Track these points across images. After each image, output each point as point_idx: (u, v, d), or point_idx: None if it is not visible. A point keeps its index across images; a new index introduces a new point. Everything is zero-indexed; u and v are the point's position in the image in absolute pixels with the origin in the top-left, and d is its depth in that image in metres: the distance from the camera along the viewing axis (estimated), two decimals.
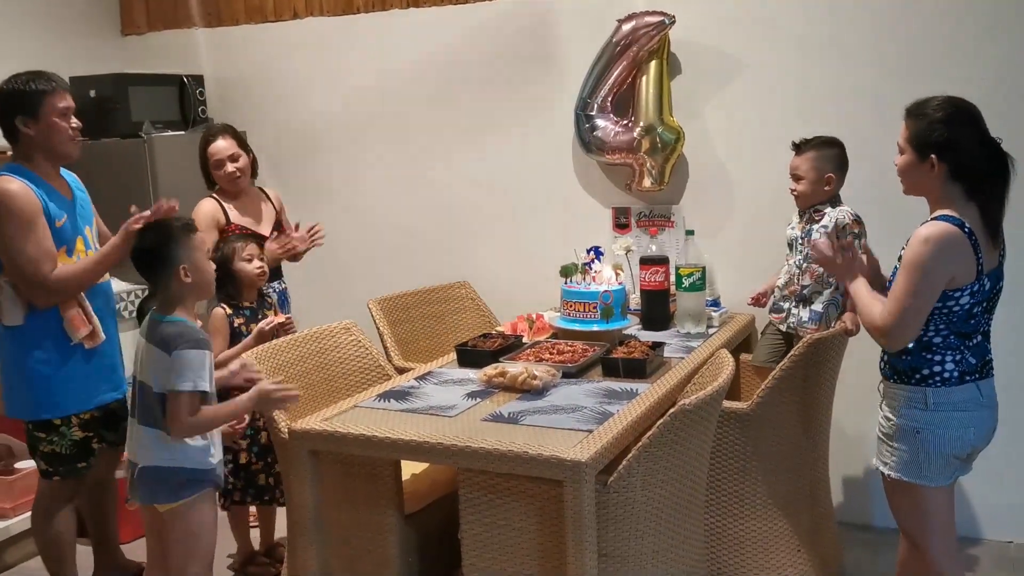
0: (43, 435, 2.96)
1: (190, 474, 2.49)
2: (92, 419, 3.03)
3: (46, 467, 3.00)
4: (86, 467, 3.04)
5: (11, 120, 2.84)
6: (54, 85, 2.88)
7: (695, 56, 3.76)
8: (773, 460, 2.96)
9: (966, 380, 2.32)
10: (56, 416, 2.95)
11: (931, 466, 2.34)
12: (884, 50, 3.49)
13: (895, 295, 2.26)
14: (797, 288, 3.25)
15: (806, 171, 3.17)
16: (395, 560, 2.63)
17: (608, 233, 3.96)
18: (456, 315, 4.08)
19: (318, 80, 4.49)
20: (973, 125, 2.27)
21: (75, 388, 2.96)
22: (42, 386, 2.91)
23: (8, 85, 2.86)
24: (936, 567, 2.44)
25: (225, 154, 3.48)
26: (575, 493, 2.21)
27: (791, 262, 3.30)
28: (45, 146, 2.87)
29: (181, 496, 2.49)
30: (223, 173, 3.48)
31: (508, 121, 4.13)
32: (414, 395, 2.80)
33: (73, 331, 2.91)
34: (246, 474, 3.30)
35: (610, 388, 2.77)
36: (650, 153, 3.71)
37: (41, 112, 2.83)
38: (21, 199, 2.78)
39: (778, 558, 2.98)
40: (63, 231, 2.90)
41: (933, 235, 2.21)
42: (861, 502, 3.68)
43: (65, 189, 2.99)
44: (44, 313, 2.88)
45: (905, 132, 2.34)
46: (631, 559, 2.35)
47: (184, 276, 2.48)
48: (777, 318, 3.35)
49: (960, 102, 2.29)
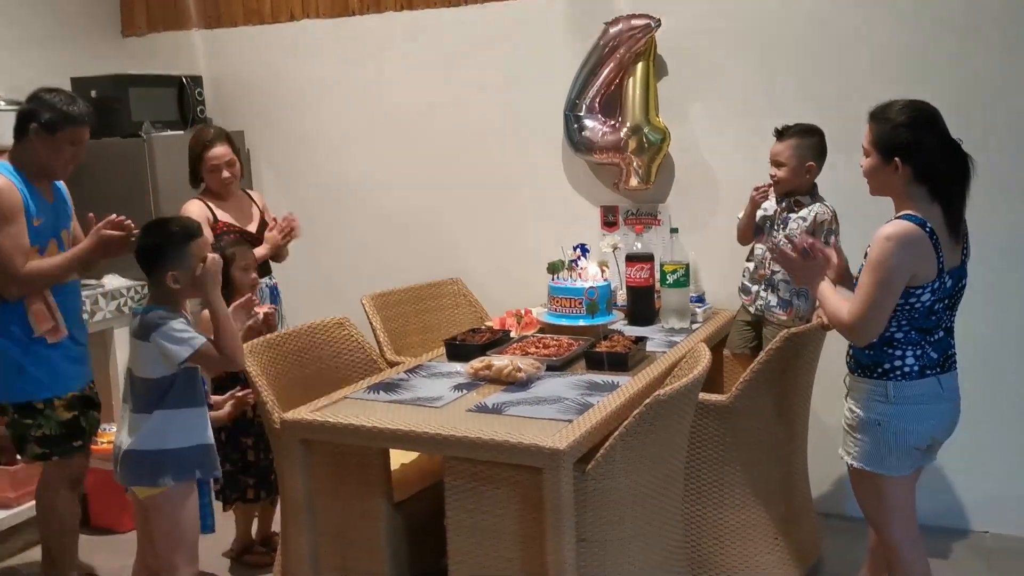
0: (30, 420, 3.05)
1: (175, 456, 2.56)
2: (74, 399, 3.12)
3: (40, 450, 3.08)
4: (81, 445, 3.14)
5: (27, 124, 2.96)
6: (85, 120, 3.01)
7: (680, 58, 3.85)
8: (751, 451, 3.05)
9: (927, 374, 2.41)
10: (34, 399, 3.04)
11: (892, 456, 2.44)
12: (859, 53, 3.58)
13: (860, 292, 2.35)
14: (767, 272, 3.34)
15: (788, 158, 3.26)
16: (384, 546, 2.73)
17: (596, 231, 4.06)
18: (448, 311, 4.17)
19: (314, 81, 4.58)
20: (935, 127, 2.36)
21: (46, 372, 3.05)
22: (14, 369, 3.01)
23: (46, 97, 2.98)
24: (897, 552, 2.54)
25: (223, 160, 3.57)
26: (554, 480, 2.31)
27: (763, 246, 3.38)
28: (41, 159, 2.99)
29: (159, 481, 2.56)
30: (219, 178, 3.57)
31: (499, 121, 4.23)
32: (403, 387, 2.90)
33: (36, 324, 3.01)
34: (257, 471, 3.40)
35: (592, 381, 2.87)
36: (637, 153, 3.81)
37: (58, 134, 2.96)
38: (4, 194, 2.90)
39: (756, 546, 3.08)
40: (39, 231, 3.01)
41: (895, 233, 2.30)
42: (838, 492, 3.78)
43: (48, 192, 3.10)
44: (12, 303, 2.98)
45: (869, 135, 2.43)
46: (610, 544, 2.45)
47: (172, 283, 2.55)
48: (747, 300, 3.45)
49: (922, 105, 2.39)
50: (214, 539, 3.59)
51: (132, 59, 4.85)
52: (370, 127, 4.50)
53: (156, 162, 4.20)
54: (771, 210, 3.40)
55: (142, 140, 4.20)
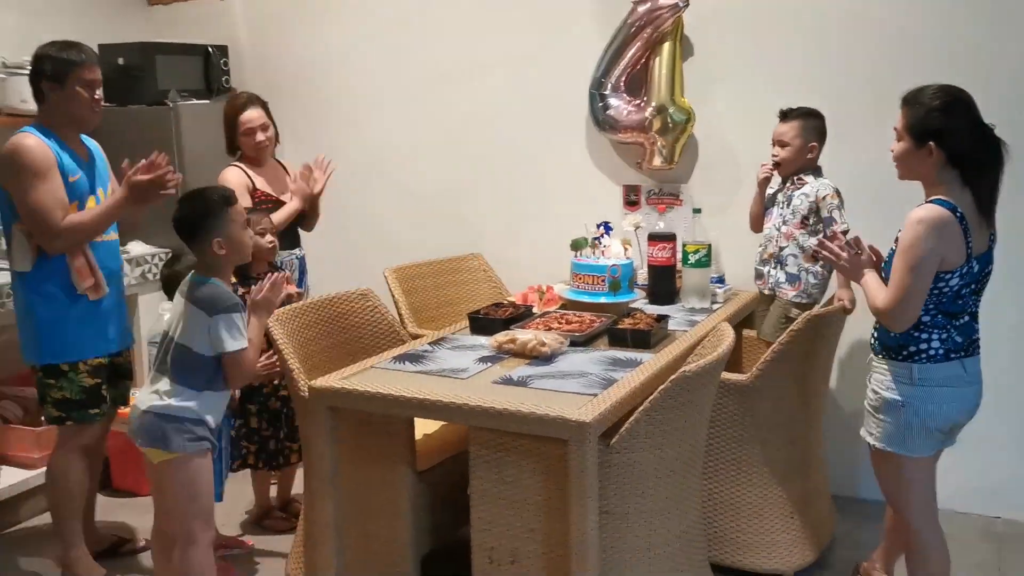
0: (52, 381, 3.09)
1: (193, 425, 2.59)
2: (100, 366, 3.15)
3: (57, 413, 3.11)
4: (99, 414, 3.16)
5: (39, 83, 3.02)
6: (84, 57, 3.04)
7: (707, 39, 3.86)
8: (770, 431, 3.08)
9: (951, 357, 2.44)
10: (63, 361, 3.07)
11: (914, 438, 2.47)
12: (891, 37, 3.59)
13: (894, 278, 2.38)
14: (776, 250, 3.37)
15: (792, 138, 3.31)
16: (407, 513, 2.78)
17: (618, 210, 4.08)
18: (468, 286, 4.20)
19: (338, 53, 4.59)
20: (968, 112, 2.38)
21: (79, 335, 3.08)
22: (48, 331, 3.05)
23: (42, 51, 3.04)
24: (917, 533, 2.58)
25: (257, 123, 3.60)
26: (579, 452, 2.34)
27: (771, 223, 3.41)
28: (66, 112, 3.03)
29: (176, 446, 2.58)
30: (254, 142, 3.59)
31: (523, 97, 4.24)
32: (428, 358, 2.94)
33: (79, 281, 3.04)
34: (258, 439, 3.45)
35: (615, 357, 2.90)
36: (661, 132, 3.82)
37: (67, 81, 2.99)
38: (36, 152, 2.95)
39: (771, 524, 3.12)
40: (76, 186, 3.05)
41: (926, 217, 2.33)
42: (852, 474, 3.82)
43: (83, 152, 3.14)
44: (51, 261, 3.01)
45: (903, 120, 2.44)
46: (631, 517, 2.49)
47: (218, 248, 2.61)
48: (760, 283, 3.48)
49: (955, 90, 2.40)
50: (233, 505, 3.67)
51: (157, 27, 4.86)
52: (394, 100, 4.52)
53: (183, 130, 4.23)
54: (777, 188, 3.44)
55: (168, 108, 4.23)
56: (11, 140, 2.99)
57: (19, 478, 3.73)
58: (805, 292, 3.30)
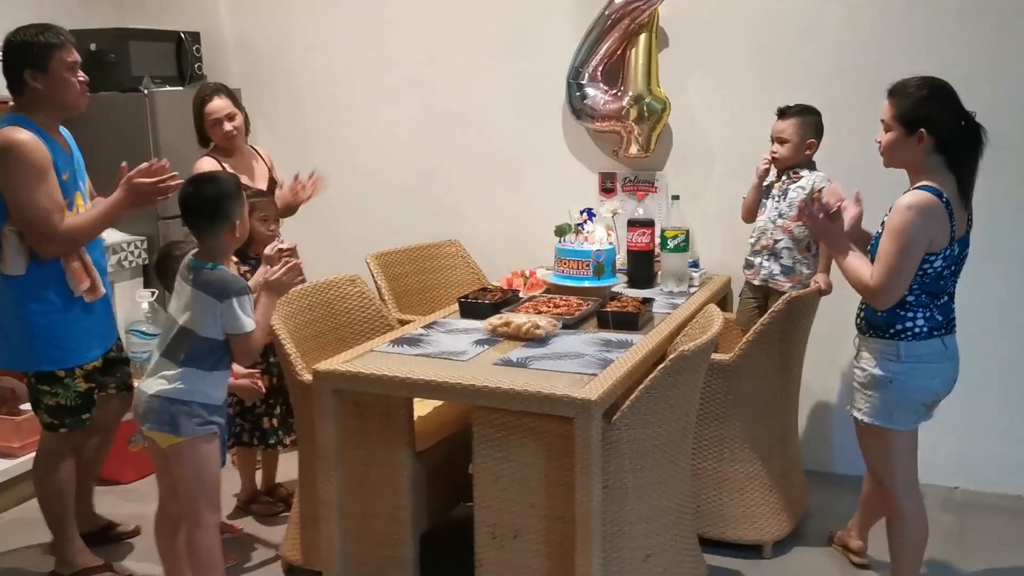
0: (47, 388, 2.99)
1: (201, 409, 2.62)
2: (95, 369, 3.09)
3: (51, 420, 3.03)
4: (90, 418, 3.09)
5: (19, 72, 2.84)
6: (62, 39, 2.89)
7: (681, 30, 3.98)
8: (751, 408, 3.22)
9: (933, 335, 2.59)
10: (60, 368, 2.97)
11: (900, 412, 2.63)
12: (861, 27, 3.74)
13: (883, 258, 2.51)
14: (770, 243, 3.50)
15: (790, 135, 3.41)
16: (407, 493, 2.84)
17: (595, 197, 4.18)
18: (446, 271, 4.27)
19: (312, 39, 4.61)
20: (952, 100, 2.53)
21: (76, 339, 2.99)
22: (44, 337, 2.93)
23: (17, 37, 2.86)
24: (899, 501, 2.73)
25: (223, 113, 3.58)
26: (584, 429, 2.43)
27: (765, 216, 3.53)
28: (54, 99, 2.87)
29: (185, 430, 2.60)
30: (221, 132, 3.58)
31: (500, 86, 4.31)
32: (424, 342, 3.00)
33: (75, 284, 2.94)
34: (252, 416, 3.48)
35: (606, 338, 3.00)
36: (638, 121, 3.93)
37: (51, 66, 2.84)
38: (32, 149, 2.79)
39: (752, 497, 3.26)
40: (66, 184, 2.90)
41: (915, 203, 2.47)
42: (823, 450, 3.99)
43: (64, 144, 3.00)
44: (45, 264, 2.89)
45: (890, 110, 2.58)
46: (631, 491, 2.59)
47: (236, 232, 2.65)
48: (750, 274, 3.60)
49: (937, 81, 2.55)
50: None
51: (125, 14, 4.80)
52: (369, 87, 4.55)
53: (157, 117, 4.20)
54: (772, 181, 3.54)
55: (143, 95, 4.20)
56: (2, 134, 2.80)
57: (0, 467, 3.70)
58: (800, 283, 3.43)
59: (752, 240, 3.57)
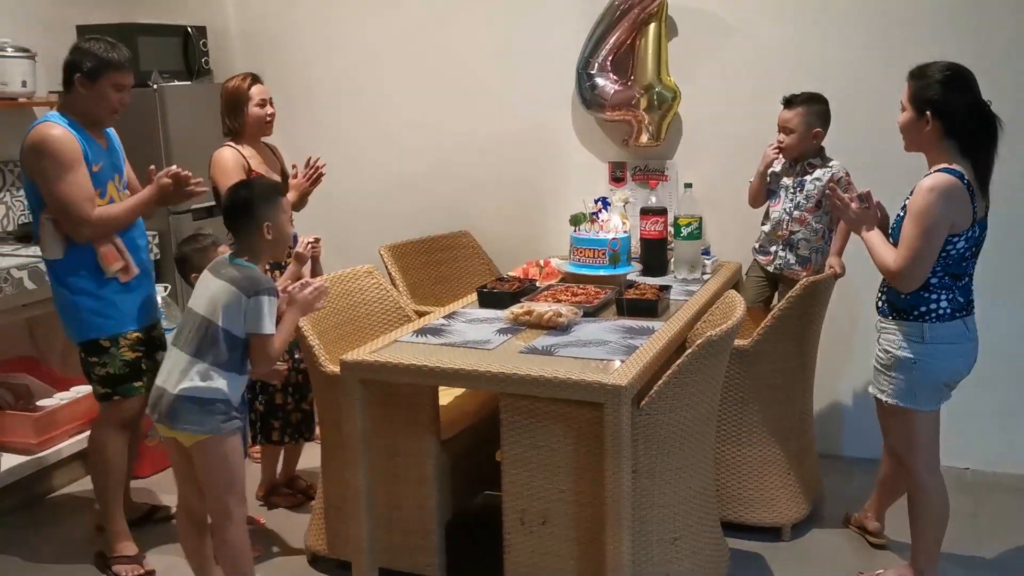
0: (95, 359, 3.15)
1: (224, 406, 2.64)
2: (139, 340, 3.21)
3: (103, 389, 3.19)
4: (142, 386, 3.19)
5: (72, 74, 3.05)
6: (122, 62, 3.07)
7: (690, 20, 4.00)
8: (769, 392, 3.26)
9: (956, 316, 2.64)
10: (102, 335, 3.12)
11: (923, 393, 2.67)
12: (870, 15, 3.77)
13: (906, 241, 2.55)
14: (786, 233, 3.54)
15: (796, 124, 3.44)
16: (432, 480, 2.88)
17: (604, 186, 4.20)
18: (458, 262, 4.30)
19: (319, 33, 4.61)
20: (967, 87, 2.56)
21: (115, 311, 3.15)
22: (85, 308, 3.11)
23: (86, 43, 3.07)
24: (921, 480, 2.78)
25: (267, 96, 3.60)
26: (615, 414, 2.47)
27: (780, 207, 3.57)
28: (87, 108, 3.07)
29: (208, 427, 2.62)
30: (264, 113, 3.56)
31: (509, 76, 4.33)
32: (447, 331, 3.03)
33: (106, 266, 3.10)
34: (283, 413, 3.51)
35: (628, 325, 3.03)
36: (648, 110, 3.96)
37: (99, 80, 3.03)
38: (64, 143, 2.99)
39: (771, 481, 3.30)
40: (99, 175, 3.09)
41: (937, 185, 2.51)
42: (833, 433, 4.04)
43: (102, 138, 3.18)
44: (80, 247, 3.07)
45: (907, 92, 2.63)
46: (658, 475, 2.63)
47: (267, 233, 2.67)
48: (765, 260, 3.64)
49: (958, 67, 2.59)
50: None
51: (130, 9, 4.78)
52: (377, 79, 4.56)
53: (167, 112, 4.21)
54: (780, 169, 3.58)
55: (152, 90, 4.20)
56: (37, 129, 3.02)
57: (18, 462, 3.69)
58: (816, 271, 3.47)
59: (766, 229, 3.61)
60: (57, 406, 3.83)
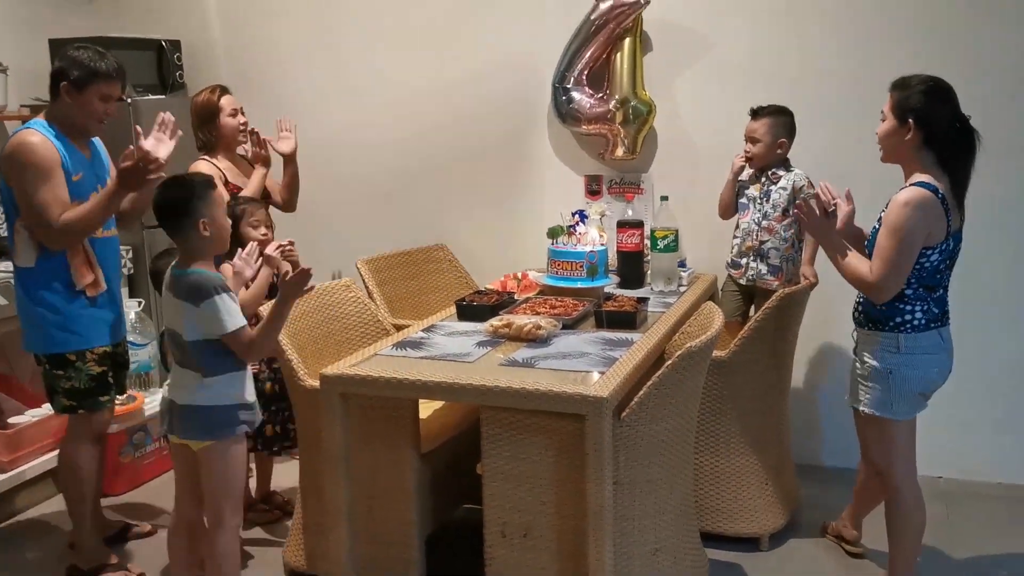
0: (60, 372, 3.12)
1: (225, 412, 2.66)
2: (105, 355, 3.18)
3: (68, 402, 3.15)
4: (108, 400, 3.20)
5: (59, 82, 3.01)
6: (110, 72, 3.04)
7: (665, 35, 4.05)
8: (746, 403, 3.28)
9: (931, 327, 2.68)
10: (69, 350, 3.09)
11: (901, 403, 2.70)
12: (840, 34, 3.84)
13: (881, 253, 2.59)
14: (756, 243, 3.58)
15: (763, 135, 3.52)
16: (413, 493, 2.86)
17: (580, 199, 4.23)
18: (435, 276, 4.29)
19: (297, 48, 4.61)
20: (948, 100, 2.61)
21: (83, 326, 3.12)
22: (53, 322, 3.08)
23: (76, 52, 3.03)
24: (898, 490, 2.81)
25: (238, 105, 3.63)
26: (596, 426, 2.47)
27: (748, 218, 3.62)
28: (72, 117, 3.05)
29: (215, 434, 2.65)
30: (237, 123, 3.59)
31: (484, 91, 4.34)
32: (427, 344, 3.02)
33: (78, 278, 3.07)
34: None
35: (607, 337, 3.04)
36: (624, 124, 3.99)
37: (87, 90, 3.01)
38: (40, 150, 2.96)
39: (749, 491, 3.32)
40: (79, 185, 3.06)
41: (912, 199, 2.55)
42: (811, 443, 4.07)
43: (86, 148, 3.16)
44: (53, 257, 3.04)
45: (889, 102, 2.68)
46: (638, 486, 2.64)
47: (203, 230, 2.64)
48: (737, 273, 3.69)
49: (939, 80, 2.64)
50: None
51: (102, 22, 4.77)
52: (350, 93, 4.56)
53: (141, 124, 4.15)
54: (748, 181, 3.63)
55: (126, 103, 4.17)
56: (16, 136, 3.01)
57: None
58: (788, 280, 3.52)
59: (737, 241, 3.65)
60: (28, 423, 3.77)
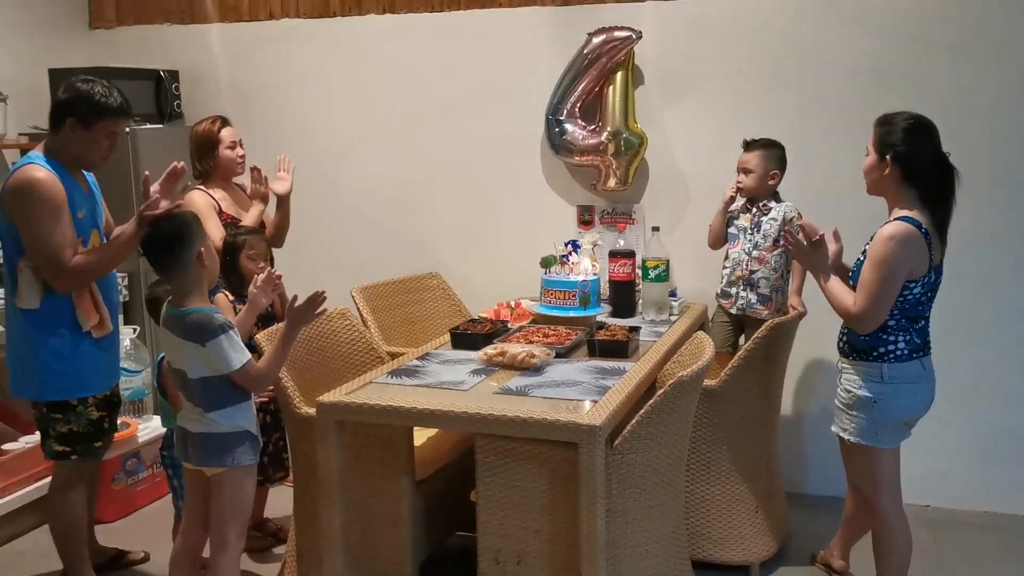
0: (59, 416, 3.05)
1: (239, 439, 2.71)
2: (105, 398, 3.16)
3: (61, 448, 3.07)
4: (102, 447, 3.15)
5: (64, 115, 2.93)
6: (119, 109, 2.96)
7: (657, 69, 4.13)
8: (736, 431, 3.32)
9: (913, 357, 2.74)
10: (74, 397, 3.04)
11: (884, 431, 2.76)
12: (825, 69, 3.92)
13: (865, 286, 2.65)
14: (746, 273, 3.65)
15: (755, 166, 3.60)
16: (408, 522, 2.89)
17: (573, 229, 4.29)
18: (429, 304, 4.33)
19: (291, 80, 4.67)
20: (929, 138, 2.69)
21: (86, 371, 3.06)
22: (56, 368, 3.00)
23: (84, 86, 2.94)
24: (885, 516, 2.85)
25: (237, 138, 3.67)
26: (590, 454, 2.51)
27: (739, 248, 3.69)
28: (78, 152, 2.97)
29: (226, 461, 2.70)
30: (235, 155, 3.64)
31: (479, 123, 4.41)
32: (422, 373, 3.06)
33: (84, 319, 3.01)
34: None
35: (599, 366, 3.09)
36: (616, 156, 4.06)
37: (94, 126, 2.94)
38: (50, 187, 2.87)
39: (739, 519, 3.35)
40: (82, 222, 3.00)
41: (897, 234, 2.61)
42: (797, 471, 4.11)
43: (84, 182, 3.09)
44: (58, 299, 2.97)
45: (873, 138, 2.76)
46: (631, 514, 2.67)
47: (205, 259, 2.68)
48: (727, 303, 3.75)
49: (922, 118, 2.72)
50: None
51: (99, 51, 4.83)
52: (348, 126, 4.62)
53: (139, 154, 4.23)
54: (738, 211, 3.70)
55: (125, 133, 4.21)
56: (21, 171, 2.90)
57: None
58: (777, 310, 3.59)
59: (727, 271, 3.72)
60: (23, 450, 3.78)
